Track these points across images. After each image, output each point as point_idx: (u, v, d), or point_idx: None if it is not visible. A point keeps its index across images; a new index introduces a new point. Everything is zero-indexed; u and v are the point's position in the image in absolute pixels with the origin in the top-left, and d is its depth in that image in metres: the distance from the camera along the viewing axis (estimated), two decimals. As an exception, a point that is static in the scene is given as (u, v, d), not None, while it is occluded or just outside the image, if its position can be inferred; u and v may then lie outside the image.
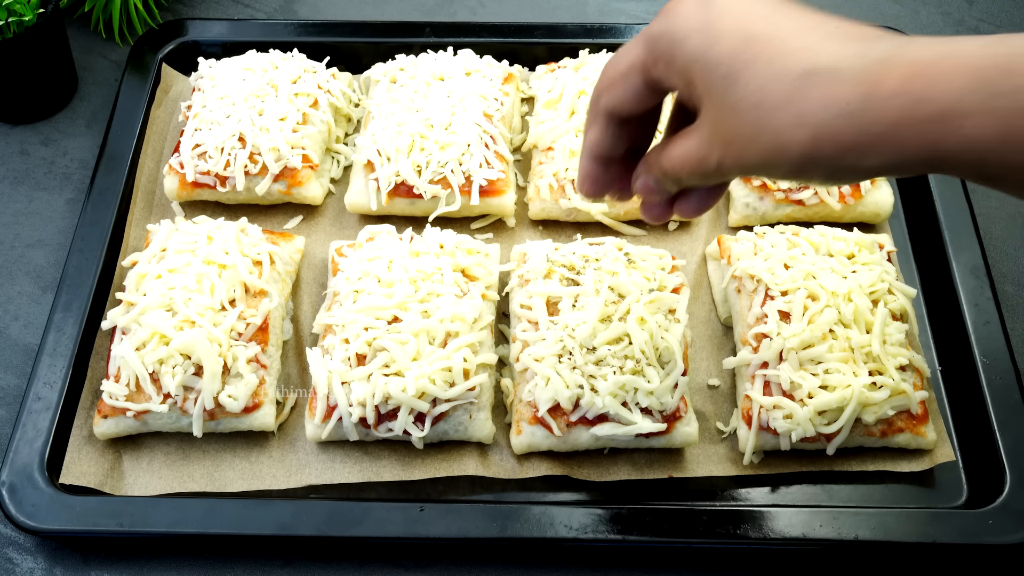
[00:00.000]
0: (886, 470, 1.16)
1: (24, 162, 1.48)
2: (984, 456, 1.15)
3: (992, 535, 1.08)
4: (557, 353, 1.13)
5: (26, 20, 1.38)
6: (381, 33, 1.55)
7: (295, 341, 1.27)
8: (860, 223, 1.36)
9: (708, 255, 1.34)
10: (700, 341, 1.28)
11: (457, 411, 1.14)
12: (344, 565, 1.11)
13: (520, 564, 1.11)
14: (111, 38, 1.63)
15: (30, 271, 1.36)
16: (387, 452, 1.17)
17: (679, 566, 1.11)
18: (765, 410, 1.13)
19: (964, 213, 1.34)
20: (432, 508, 1.09)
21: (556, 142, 1.36)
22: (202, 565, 1.11)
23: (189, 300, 1.16)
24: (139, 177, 1.40)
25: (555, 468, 1.16)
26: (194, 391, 1.13)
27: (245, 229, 1.27)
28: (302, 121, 1.37)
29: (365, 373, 1.12)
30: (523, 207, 1.40)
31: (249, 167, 1.32)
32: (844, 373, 1.13)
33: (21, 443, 1.14)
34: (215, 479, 1.15)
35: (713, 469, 1.17)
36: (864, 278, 1.20)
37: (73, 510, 1.09)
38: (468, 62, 1.45)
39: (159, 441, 1.18)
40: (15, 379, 1.26)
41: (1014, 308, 1.33)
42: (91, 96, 1.56)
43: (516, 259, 1.28)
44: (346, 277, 1.21)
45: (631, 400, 1.11)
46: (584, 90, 1.39)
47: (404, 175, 1.31)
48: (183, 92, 1.51)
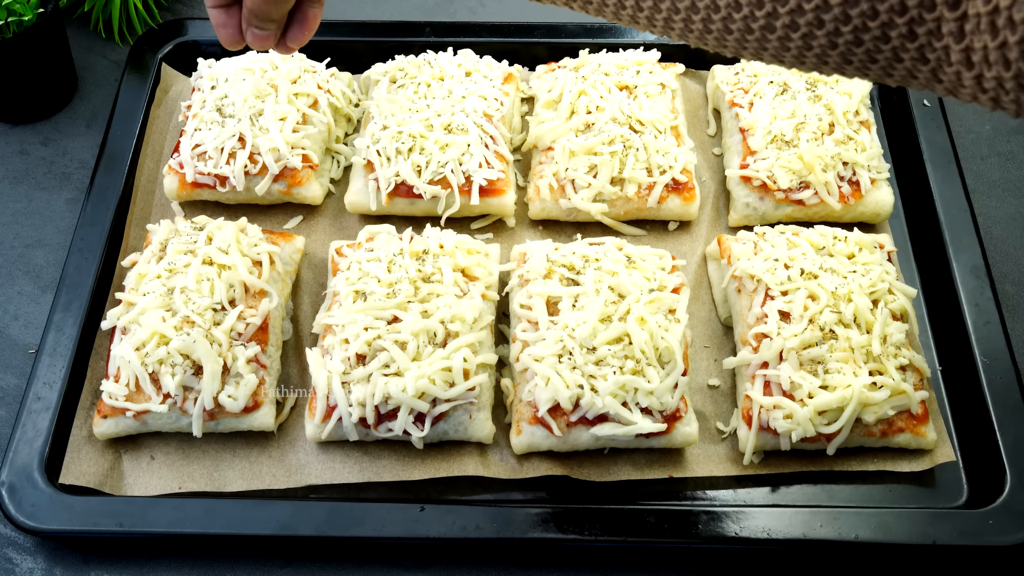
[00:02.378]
0: (886, 470, 1.16)
1: (24, 162, 1.48)
2: (984, 456, 1.15)
3: (992, 535, 1.08)
4: (557, 353, 1.13)
5: (26, 20, 1.38)
6: (381, 33, 1.55)
7: (295, 341, 1.27)
8: (860, 223, 1.36)
9: (708, 255, 1.34)
10: (700, 341, 1.28)
11: (457, 411, 1.14)
12: (344, 565, 1.11)
13: (520, 564, 1.11)
14: (111, 38, 1.63)
15: (30, 271, 1.36)
16: (387, 452, 1.17)
17: (679, 566, 1.11)
18: (765, 410, 1.13)
19: (964, 213, 1.34)
20: (432, 508, 1.09)
21: (556, 142, 1.36)
22: (202, 565, 1.11)
23: (189, 300, 1.16)
24: (139, 177, 1.40)
25: (555, 468, 1.15)
26: (194, 391, 1.13)
27: (245, 229, 1.27)
28: (302, 121, 1.37)
29: (365, 373, 1.12)
30: (523, 207, 1.40)
31: (249, 167, 1.32)
32: (844, 373, 1.13)
33: (21, 443, 1.14)
34: (215, 479, 1.15)
35: (713, 469, 1.17)
36: (864, 278, 1.20)
37: (73, 510, 1.09)
38: (468, 62, 1.45)
39: (159, 441, 1.18)
40: (15, 379, 1.26)
41: (1014, 308, 1.33)
42: (91, 96, 1.56)
43: (516, 259, 1.28)
44: (346, 277, 1.21)
45: (631, 400, 1.11)
46: (584, 90, 1.40)
47: (404, 175, 1.31)
48: (183, 92, 1.51)
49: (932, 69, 0.71)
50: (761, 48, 0.77)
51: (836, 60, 0.75)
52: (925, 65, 0.71)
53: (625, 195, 1.33)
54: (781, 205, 1.34)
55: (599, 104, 1.38)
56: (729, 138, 1.43)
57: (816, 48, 0.74)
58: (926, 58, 0.70)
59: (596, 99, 1.38)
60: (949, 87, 0.72)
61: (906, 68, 0.72)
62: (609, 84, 1.40)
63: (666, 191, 1.34)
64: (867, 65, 0.74)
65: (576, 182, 1.33)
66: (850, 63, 0.75)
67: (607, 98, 1.39)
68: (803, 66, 0.78)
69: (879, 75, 0.75)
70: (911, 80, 0.74)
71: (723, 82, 1.46)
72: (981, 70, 0.66)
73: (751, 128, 1.37)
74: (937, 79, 0.72)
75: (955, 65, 0.68)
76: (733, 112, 1.42)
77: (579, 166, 1.33)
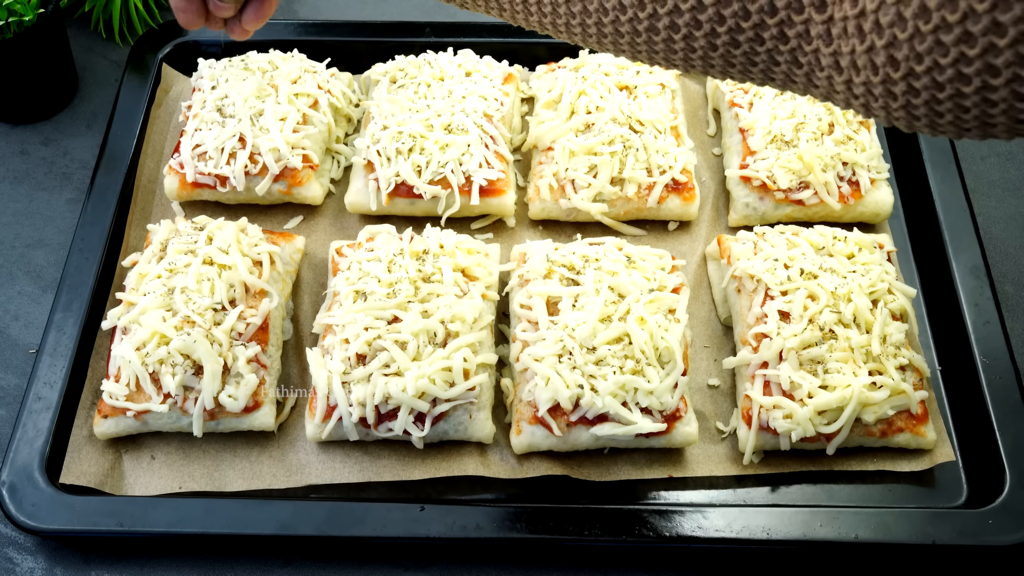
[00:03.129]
0: (886, 470, 1.16)
1: (24, 162, 1.48)
2: (984, 456, 1.15)
3: (992, 535, 1.08)
4: (557, 353, 1.13)
5: (26, 20, 1.38)
6: (381, 33, 1.55)
7: (295, 341, 1.27)
8: (860, 223, 1.36)
9: (708, 255, 1.34)
10: (700, 341, 1.28)
11: (457, 411, 1.14)
12: (344, 565, 1.11)
13: (520, 564, 1.11)
14: (111, 38, 1.63)
15: (30, 271, 1.36)
16: (387, 452, 1.17)
17: (679, 566, 1.11)
18: (765, 410, 1.13)
19: (964, 213, 1.34)
20: (432, 508, 1.09)
21: (556, 142, 1.36)
22: (202, 565, 1.11)
23: (189, 300, 1.16)
24: (139, 177, 1.40)
25: (555, 468, 1.16)
26: (194, 391, 1.13)
27: (245, 229, 1.27)
28: (302, 121, 1.37)
29: (365, 373, 1.12)
30: (523, 207, 1.40)
31: (249, 167, 1.32)
32: (844, 373, 1.13)
33: (21, 443, 1.14)
34: (215, 479, 1.16)
35: (713, 469, 1.17)
36: (864, 278, 1.20)
37: (73, 510, 1.09)
38: (468, 62, 1.45)
39: (159, 441, 1.18)
40: (15, 379, 1.26)
41: (1014, 308, 1.34)
42: (91, 96, 1.56)
43: (516, 259, 1.28)
44: (346, 277, 1.21)
45: (631, 400, 1.11)
46: (584, 90, 1.40)
47: (404, 175, 1.31)
48: (183, 92, 1.51)
49: (807, 73, 0.70)
50: (651, 51, 0.77)
51: (719, 63, 0.74)
52: (799, 69, 0.70)
53: (625, 195, 1.33)
54: (781, 205, 1.34)
55: (599, 104, 1.38)
56: (729, 138, 1.43)
57: (699, 50, 0.73)
58: (799, 61, 0.69)
59: (596, 99, 1.38)
60: (824, 92, 0.71)
61: (783, 72, 0.72)
62: (609, 84, 1.40)
63: (666, 191, 1.34)
64: (748, 68, 0.74)
65: (576, 182, 1.33)
66: (733, 66, 0.74)
67: (607, 98, 1.39)
68: (693, 68, 0.77)
69: (761, 78, 0.75)
70: (791, 84, 0.73)
71: (723, 82, 1.46)
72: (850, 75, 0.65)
73: (751, 128, 1.37)
74: (813, 84, 0.71)
75: (826, 69, 0.67)
76: (733, 112, 1.42)
77: (579, 166, 1.33)
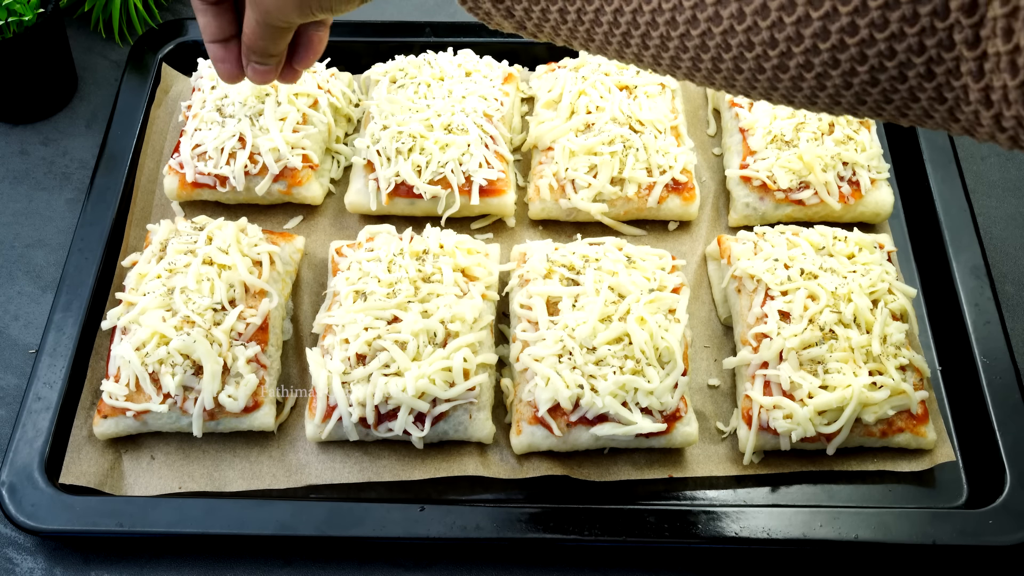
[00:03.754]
0: (886, 470, 1.16)
1: (24, 162, 1.48)
2: (984, 456, 1.15)
3: (992, 535, 1.08)
4: (557, 353, 1.13)
5: (26, 20, 1.38)
6: (381, 33, 1.55)
7: (295, 341, 1.27)
8: (860, 223, 1.36)
9: (708, 255, 1.34)
10: (700, 341, 1.28)
11: (457, 411, 1.14)
12: (344, 565, 1.11)
13: (520, 564, 1.11)
14: (111, 38, 1.63)
15: (30, 271, 1.36)
16: (387, 452, 1.17)
17: (679, 566, 1.11)
18: (765, 410, 1.13)
19: (964, 213, 1.34)
20: (432, 508, 1.09)
21: (556, 142, 1.36)
22: (202, 565, 1.11)
23: (189, 300, 1.16)
24: (139, 177, 1.40)
25: (555, 468, 1.16)
26: (194, 391, 1.13)
27: (245, 229, 1.27)
28: (302, 121, 1.37)
29: (365, 373, 1.12)
30: (523, 207, 1.40)
31: (249, 167, 1.32)
32: (844, 373, 1.13)
33: (21, 443, 1.14)
34: (215, 479, 1.15)
35: (713, 469, 1.17)
36: (864, 278, 1.20)
37: (73, 510, 1.09)
38: (468, 62, 1.45)
39: (159, 441, 1.18)
40: (15, 379, 1.26)
41: (1014, 308, 1.33)
42: (91, 96, 1.56)
43: (516, 259, 1.28)
44: (346, 277, 1.21)
45: (631, 400, 1.11)
46: (584, 90, 1.40)
47: (404, 175, 1.31)
48: (183, 92, 1.51)
49: (949, 108, 0.69)
50: (771, 88, 0.76)
51: (850, 100, 0.73)
52: (942, 104, 0.70)
53: (625, 195, 1.33)
54: (781, 205, 1.34)
55: (599, 104, 1.38)
56: (729, 138, 1.43)
57: (830, 88, 0.72)
58: (944, 97, 0.69)
59: (596, 99, 1.38)
60: (966, 126, 0.70)
61: (922, 108, 0.71)
62: (609, 84, 1.40)
63: (666, 191, 1.34)
64: (881, 105, 0.73)
65: (576, 182, 1.33)
66: (864, 103, 0.73)
67: (607, 98, 1.39)
68: (814, 106, 0.76)
69: (893, 115, 0.74)
70: (926, 120, 0.73)
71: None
72: (1000, 109, 0.65)
73: (751, 128, 1.37)
74: (954, 118, 0.70)
75: (974, 104, 0.67)
76: (733, 112, 1.42)
77: (579, 166, 1.33)
